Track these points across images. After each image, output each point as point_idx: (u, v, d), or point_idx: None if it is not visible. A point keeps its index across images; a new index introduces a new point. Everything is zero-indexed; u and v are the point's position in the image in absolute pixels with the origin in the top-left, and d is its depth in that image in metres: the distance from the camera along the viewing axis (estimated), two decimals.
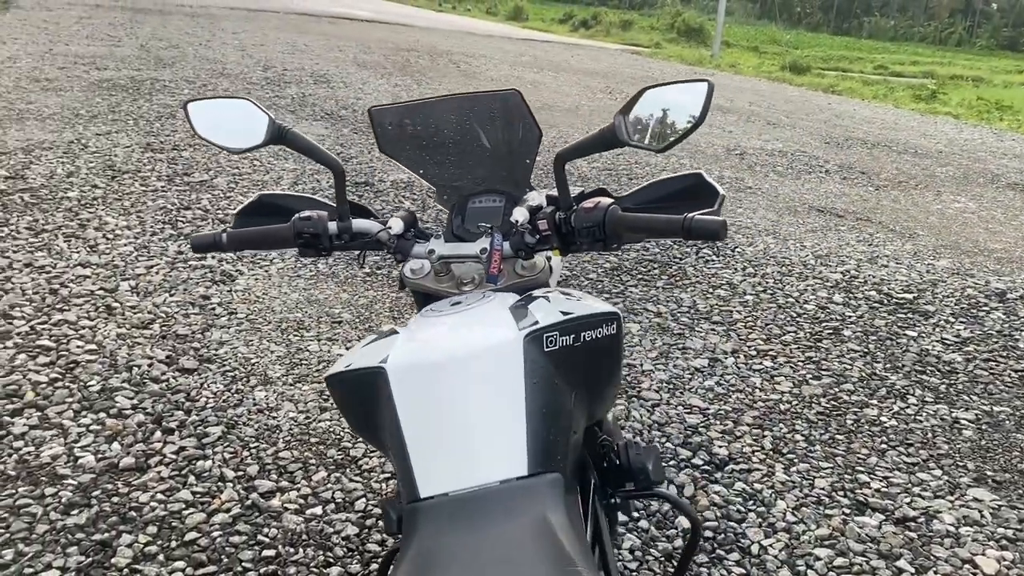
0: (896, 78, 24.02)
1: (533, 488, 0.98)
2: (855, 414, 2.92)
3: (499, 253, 1.26)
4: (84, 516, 2.08)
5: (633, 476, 1.29)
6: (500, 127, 1.34)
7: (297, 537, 2.08)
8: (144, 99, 7.28)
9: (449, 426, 1.02)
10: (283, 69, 9.90)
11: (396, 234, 1.33)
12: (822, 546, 2.20)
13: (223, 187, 4.98)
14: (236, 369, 2.87)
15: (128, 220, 4.23)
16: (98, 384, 2.68)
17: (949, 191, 6.92)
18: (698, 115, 1.07)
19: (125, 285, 3.45)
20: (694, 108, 1.08)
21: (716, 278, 4.21)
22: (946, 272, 4.58)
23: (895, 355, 3.43)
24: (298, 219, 1.30)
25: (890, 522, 2.32)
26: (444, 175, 1.41)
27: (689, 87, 1.10)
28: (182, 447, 2.40)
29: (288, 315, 3.35)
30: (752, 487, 2.44)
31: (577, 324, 1.11)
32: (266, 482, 2.28)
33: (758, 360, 3.30)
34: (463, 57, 13.61)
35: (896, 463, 2.63)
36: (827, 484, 2.48)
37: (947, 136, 10.45)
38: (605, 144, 1.14)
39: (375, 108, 1.35)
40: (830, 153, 8.19)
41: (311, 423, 2.58)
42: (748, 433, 2.74)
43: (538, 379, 1.05)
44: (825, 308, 3.92)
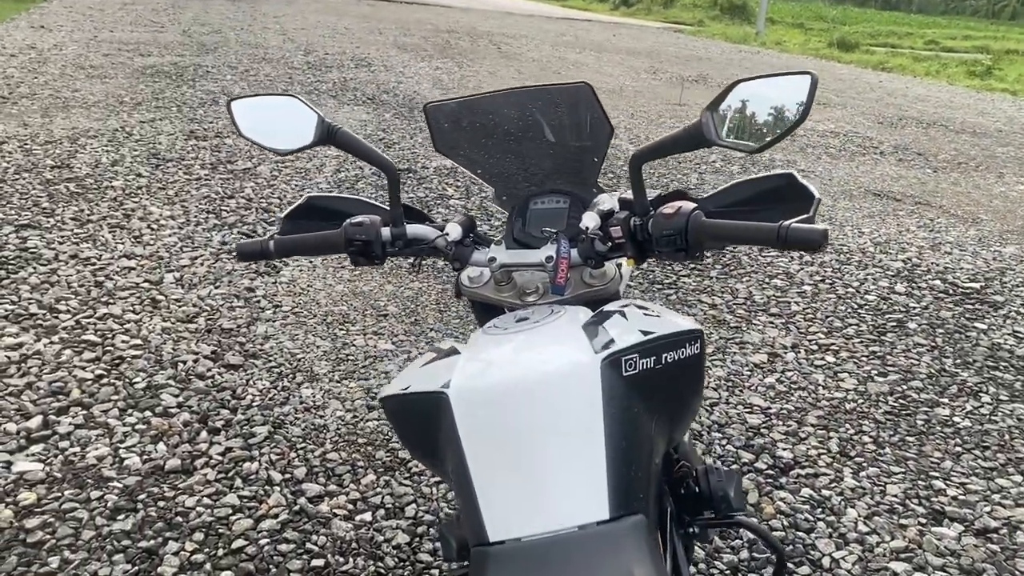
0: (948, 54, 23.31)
1: (615, 534, 0.88)
2: (925, 414, 2.77)
3: (566, 261, 1.16)
4: (130, 521, 2.02)
5: (714, 503, 1.18)
6: (567, 122, 1.24)
7: (347, 545, 2.01)
8: (187, 85, 7.27)
9: (520, 462, 0.93)
10: (324, 53, 9.85)
11: (454, 240, 1.23)
12: (898, 559, 2.07)
13: (266, 175, 4.92)
14: (282, 365, 2.81)
15: (172, 210, 4.19)
16: (143, 381, 2.63)
17: (1012, 172, 6.64)
18: (800, 112, 0.95)
19: (170, 277, 3.41)
20: (795, 103, 0.96)
21: (772, 267, 4.06)
22: (1014, 260, 4.37)
23: (965, 349, 3.27)
24: (349, 225, 1.21)
25: (970, 533, 2.19)
26: (503, 175, 1.31)
27: (789, 80, 0.97)
28: (228, 448, 2.34)
29: (333, 308, 3.28)
30: (820, 493, 2.32)
31: (658, 345, 1.00)
32: (314, 486, 2.21)
33: (820, 355, 3.16)
34: (503, 38, 13.45)
35: (972, 468, 2.48)
36: (899, 491, 2.35)
37: (1005, 114, 10.07)
38: (690, 143, 1.03)
39: (431, 104, 1.25)
40: (884, 133, 7.92)
41: (359, 422, 2.51)
42: (813, 435, 2.61)
43: (617, 408, 0.94)
44: (887, 299, 3.75)
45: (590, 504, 0.89)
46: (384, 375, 2.79)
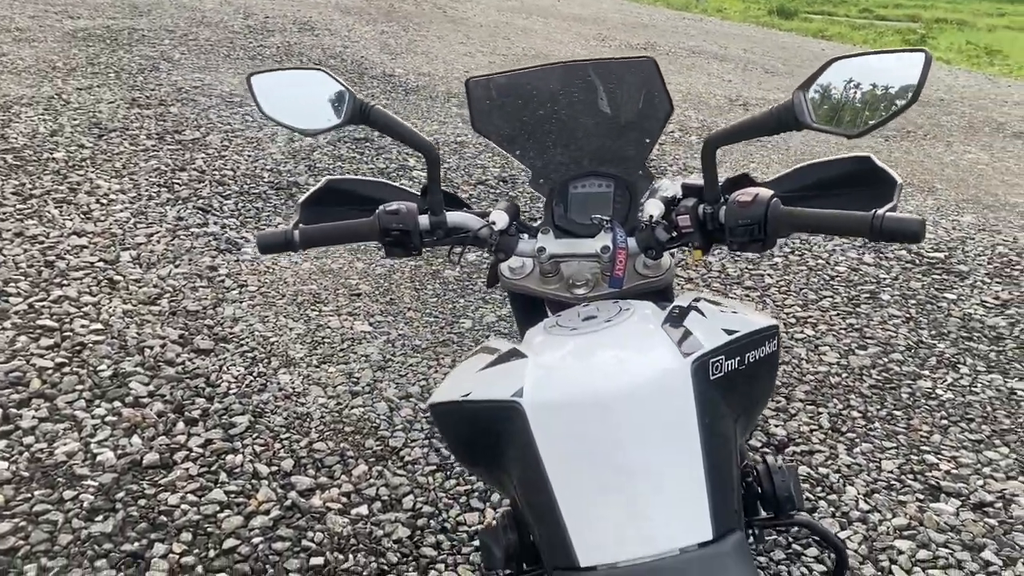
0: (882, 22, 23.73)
1: (719, 557, 0.81)
2: (909, 387, 2.78)
3: (624, 252, 1.08)
4: (110, 523, 1.90)
5: (777, 503, 1.12)
6: (621, 98, 1.14)
7: (345, 541, 1.92)
8: (123, 50, 6.91)
9: (611, 480, 0.85)
10: (264, 17, 9.48)
11: (500, 229, 1.13)
12: (902, 537, 2.07)
13: (217, 145, 4.70)
14: (255, 349, 2.68)
15: (121, 183, 3.97)
16: (109, 369, 2.48)
17: (959, 141, 6.76)
18: (912, 93, 0.88)
19: (126, 256, 3.22)
20: (903, 83, 0.89)
21: None
22: (972, 228, 4.44)
23: (938, 320, 3.30)
24: (384, 212, 1.10)
25: (967, 508, 2.19)
26: (543, 156, 1.21)
27: (898, 58, 0.90)
28: (208, 440, 2.22)
29: (302, 287, 3.15)
30: (817, 471, 2.30)
31: (742, 344, 0.93)
32: (304, 478, 2.11)
33: (799, 328, 3.15)
34: (448, 2, 13.17)
35: (960, 440, 2.50)
36: (894, 466, 2.35)
37: (944, 83, 10.26)
38: (777, 126, 0.95)
39: (472, 79, 1.15)
40: None
41: (343, 410, 2.40)
42: (803, 410, 2.60)
43: (710, 417, 0.87)
44: (857, 270, 3.76)
45: (691, 524, 0.82)
46: (364, 359, 2.68)
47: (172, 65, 6.53)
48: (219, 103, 5.57)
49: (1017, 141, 7.02)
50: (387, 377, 2.58)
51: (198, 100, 5.59)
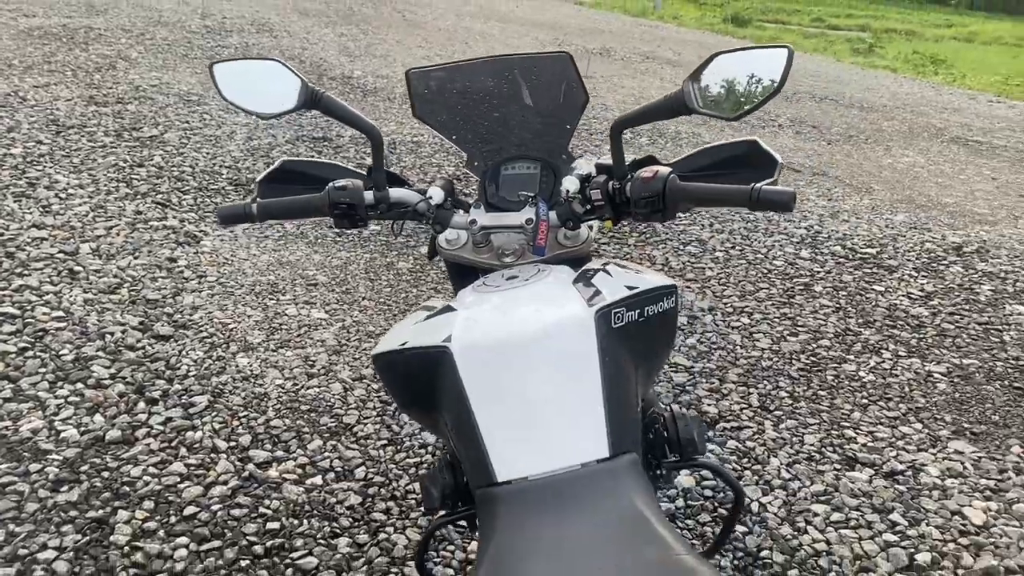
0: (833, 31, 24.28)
1: (615, 470, 0.96)
2: (835, 370, 2.97)
3: (546, 223, 1.22)
4: (75, 493, 2.00)
5: (680, 447, 1.27)
6: (543, 89, 1.29)
7: (300, 508, 2.04)
8: (80, 48, 6.93)
9: (524, 408, 0.99)
10: (222, 17, 9.52)
11: (436, 204, 1.27)
12: (818, 502, 2.25)
13: (175, 142, 4.78)
14: (214, 335, 2.78)
15: (80, 178, 4.03)
16: (71, 353, 2.57)
17: (898, 145, 7.04)
18: (776, 82, 1.04)
19: (86, 248, 3.30)
20: (771, 75, 1.05)
21: (685, 235, 4.23)
22: (904, 226, 4.67)
23: (866, 310, 3.50)
24: (333, 188, 1.24)
25: (880, 476, 2.38)
26: (478, 141, 1.36)
27: (766, 53, 1.06)
28: (169, 418, 2.32)
29: (260, 278, 3.25)
30: (745, 445, 2.48)
31: (642, 299, 1.08)
32: (261, 452, 2.22)
33: (735, 317, 3.34)
34: (407, 6, 13.29)
35: (878, 417, 2.69)
36: (816, 440, 2.53)
37: (889, 90, 10.62)
38: (671, 111, 1.10)
39: (413, 71, 1.29)
40: (781, 107, 8.25)
41: (299, 390, 2.52)
42: (735, 391, 2.77)
43: (610, 357, 1.02)
44: (794, 264, 3.97)
45: (590, 444, 0.97)
46: (320, 343, 2.80)
47: (129, 64, 6.57)
48: (177, 101, 5.64)
49: (953, 146, 7.33)
50: (342, 360, 2.71)
51: (156, 98, 5.65)
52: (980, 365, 3.10)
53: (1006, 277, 3.99)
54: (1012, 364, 3.12)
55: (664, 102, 1.11)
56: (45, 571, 1.77)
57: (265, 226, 3.75)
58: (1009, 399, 2.87)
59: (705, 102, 1.08)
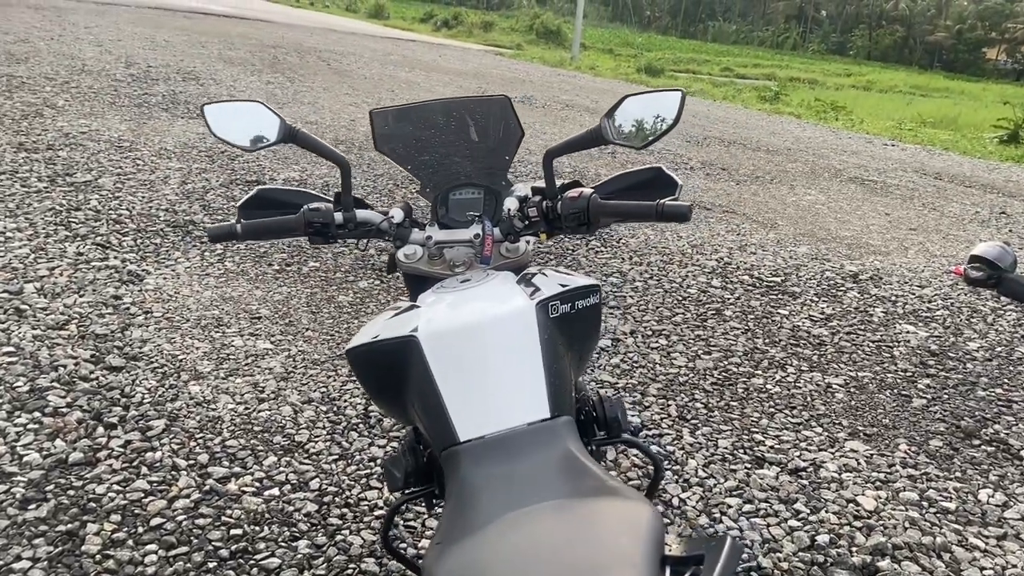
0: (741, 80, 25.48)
1: (555, 428, 1.18)
2: (744, 383, 3.26)
3: (491, 237, 1.45)
4: (44, 509, 2.11)
5: (607, 425, 1.50)
6: (486, 127, 1.53)
7: (260, 516, 2.19)
8: (3, 96, 6.93)
9: (480, 381, 1.21)
10: (147, 66, 9.59)
11: (396, 223, 1.49)
12: (731, 496, 2.50)
13: (110, 187, 4.87)
14: (165, 365, 2.91)
15: (17, 222, 4.10)
16: (26, 385, 2.67)
17: (801, 185, 7.56)
18: (673, 118, 1.30)
19: (30, 287, 3.39)
20: (670, 112, 1.31)
21: (607, 267, 4.52)
22: (806, 257, 5.07)
23: (772, 331, 3.83)
24: (308, 210, 1.44)
25: (785, 473, 2.65)
26: (430, 170, 1.58)
27: (665, 95, 1.32)
28: (128, 440, 2.45)
29: (205, 312, 3.39)
30: (666, 449, 2.72)
31: (573, 294, 1.32)
32: (219, 468, 2.37)
33: (654, 339, 3.61)
34: (331, 55, 13.54)
35: (784, 423, 2.98)
36: (729, 444, 2.80)
37: (792, 134, 11.30)
38: (591, 142, 1.35)
39: (375, 111, 1.51)
40: (692, 151, 8.74)
41: (252, 413, 2.67)
42: (655, 403, 3.03)
43: (548, 339, 1.25)
44: (706, 292, 4.29)
45: (536, 407, 1.19)
46: (268, 371, 2.95)
47: (56, 111, 6.61)
48: (108, 147, 5.72)
49: (851, 185, 7.89)
50: (290, 386, 2.87)
51: (87, 145, 5.73)
52: (873, 377, 3.44)
53: (896, 300, 4.39)
54: (901, 375, 3.47)
55: (586, 135, 1.36)
56: None
57: (206, 264, 3.89)
58: (898, 405, 3.20)
59: (617, 135, 1.34)
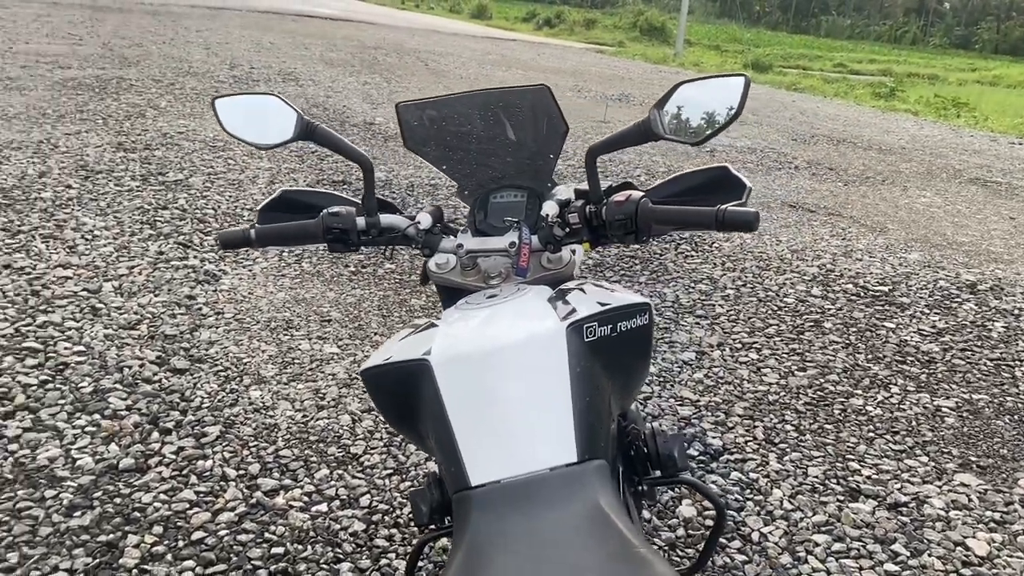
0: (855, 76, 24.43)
1: (582, 475, 1.00)
2: (841, 404, 2.98)
3: (528, 247, 1.28)
4: (88, 517, 2.06)
5: (661, 463, 1.31)
6: (526, 121, 1.36)
7: (305, 534, 2.08)
8: (111, 98, 7.17)
9: (497, 415, 1.04)
10: (250, 67, 9.81)
11: (424, 229, 1.34)
12: (820, 532, 2.25)
13: (199, 186, 4.92)
14: (228, 369, 2.85)
15: (106, 221, 4.17)
16: (90, 385, 2.65)
17: (915, 186, 7.06)
18: (735, 109, 1.10)
19: (108, 286, 3.41)
20: (730, 102, 1.11)
21: (696, 272, 4.27)
22: (918, 265, 4.68)
23: (876, 346, 3.51)
24: (327, 214, 1.30)
25: (883, 507, 2.38)
26: (466, 171, 1.42)
27: (725, 81, 1.12)
28: (181, 447, 2.38)
29: (276, 314, 3.33)
30: (748, 476, 2.49)
31: (614, 315, 1.13)
32: (269, 480, 2.27)
33: (744, 353, 3.36)
34: (430, 55, 13.59)
35: (884, 451, 2.69)
36: (820, 472, 2.54)
37: (909, 133, 10.65)
38: (640, 138, 1.17)
39: (402, 104, 1.36)
40: (798, 150, 8.32)
41: (309, 421, 2.58)
42: (740, 424, 2.79)
43: (580, 368, 1.07)
44: (804, 301, 3.99)
45: (560, 449, 1.01)
46: (332, 377, 2.86)
47: (158, 112, 6.79)
48: (203, 147, 5.81)
49: (971, 186, 7.33)
50: (352, 393, 2.76)
51: (182, 145, 5.83)
52: (990, 400, 3.09)
53: (1020, 314, 3.98)
54: (1023, 399, 3.11)
55: (633, 129, 1.17)
56: None
57: (283, 265, 3.85)
58: (1018, 433, 2.86)
59: (670, 129, 1.14)
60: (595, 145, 1.22)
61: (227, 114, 1.33)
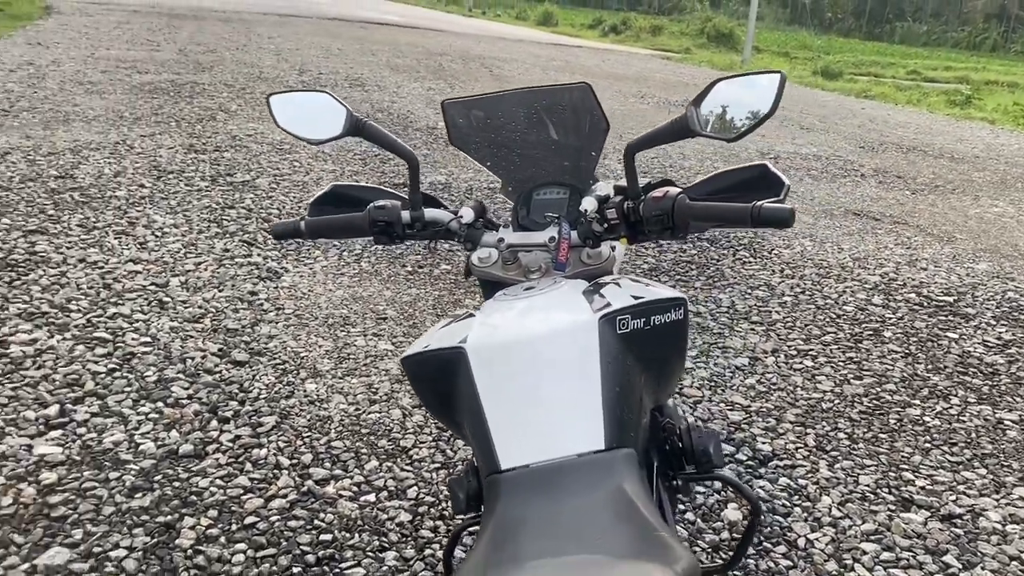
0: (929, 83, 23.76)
1: (610, 461, 1.02)
2: (898, 413, 2.93)
3: (567, 242, 1.31)
4: (148, 499, 2.15)
5: (695, 459, 1.32)
6: (568, 119, 1.39)
7: (352, 523, 2.14)
8: (185, 102, 7.41)
9: (528, 402, 1.07)
10: (318, 73, 10.02)
11: (467, 223, 1.38)
12: (868, 541, 2.22)
13: (265, 187, 5.06)
14: (286, 362, 2.94)
15: (175, 219, 4.32)
16: (155, 375, 2.75)
17: (987, 195, 6.86)
18: (770, 105, 1.11)
19: (175, 281, 3.54)
20: (766, 99, 1.12)
21: (754, 279, 4.23)
22: (986, 275, 4.56)
23: (937, 356, 3.43)
24: (373, 208, 1.35)
25: (936, 519, 2.33)
26: (510, 167, 1.46)
27: (761, 78, 1.13)
28: (237, 436, 2.47)
29: (334, 311, 3.42)
30: (796, 482, 2.46)
31: (647, 308, 1.15)
32: (320, 470, 2.34)
33: (799, 360, 3.32)
34: (495, 61, 13.69)
35: (940, 462, 2.64)
36: (871, 481, 2.50)
37: (983, 141, 10.34)
38: (677, 134, 1.18)
39: (447, 101, 1.40)
40: (865, 157, 8.15)
41: (361, 415, 2.64)
42: (791, 430, 2.76)
43: (612, 359, 1.09)
44: (864, 310, 3.92)
45: (589, 436, 1.03)
46: (385, 372, 2.92)
47: (228, 116, 6.99)
48: (270, 150, 5.97)
49: None
50: (404, 389, 2.82)
51: (250, 147, 6.00)
52: None
53: None
54: None
55: (670, 126, 1.19)
56: (115, 568, 1.91)
57: (342, 264, 3.94)
58: None
59: (706, 125, 1.16)
60: (633, 142, 1.24)
61: (281, 110, 1.39)
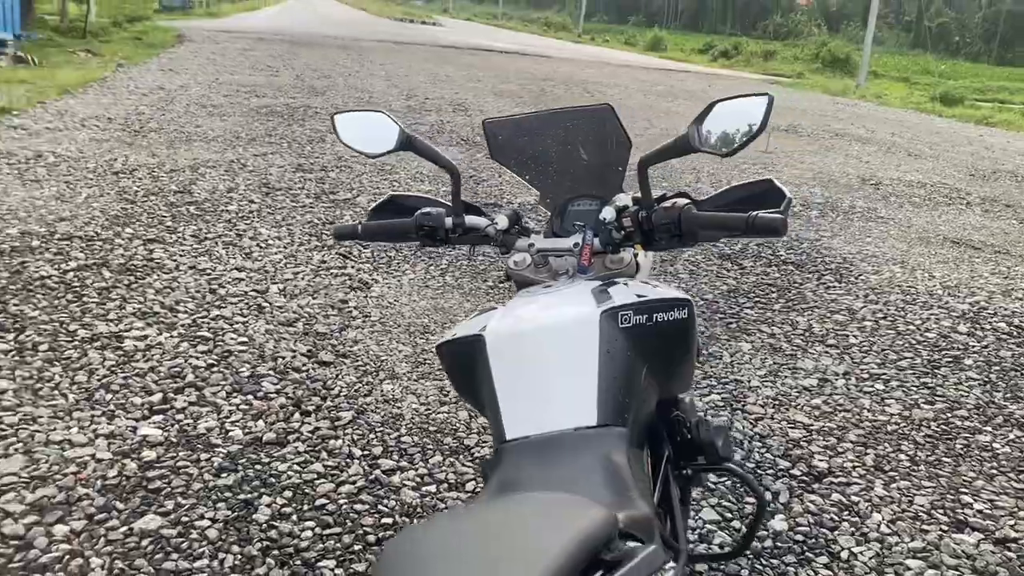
0: None
1: (601, 436, 1.15)
2: (966, 439, 2.90)
3: (589, 247, 1.44)
4: (232, 479, 2.37)
5: (704, 450, 1.43)
6: (594, 137, 1.53)
7: (412, 509, 2.31)
8: (297, 124, 7.87)
9: (533, 383, 1.21)
10: (424, 98, 10.43)
11: (501, 229, 1.53)
12: (914, 558, 2.24)
13: (364, 205, 5.36)
14: (367, 364, 3.15)
15: (279, 232, 4.64)
16: (248, 371, 3.01)
17: None
18: (759, 125, 1.23)
19: (274, 288, 3.82)
20: (756, 118, 1.23)
21: (836, 303, 4.22)
22: None
23: (1019, 385, 3.37)
24: (420, 214, 1.53)
25: (989, 541, 2.33)
26: (547, 181, 1.61)
27: (751, 100, 1.25)
28: (317, 427, 2.68)
29: (416, 320, 3.62)
30: (848, 499, 2.50)
31: (650, 306, 1.27)
32: (388, 462, 2.52)
33: (869, 383, 3.32)
34: (598, 86, 13.87)
35: (1004, 488, 2.61)
36: (927, 502, 2.50)
37: None
38: (681, 150, 1.31)
39: (488, 120, 1.57)
40: (973, 185, 7.91)
41: (431, 414, 2.82)
42: (851, 450, 2.78)
43: (611, 349, 1.22)
44: (947, 337, 3.86)
45: (583, 413, 1.17)
46: None
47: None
48: (372, 170, 6.30)
49: None
50: None
51: (354, 167, 6.34)
52: None
53: None
54: None
55: (675, 143, 1.31)
56: (199, 536, 2.14)
57: (428, 277, 4.15)
58: None
59: (704, 142, 1.28)
60: (646, 156, 1.37)
61: (343, 127, 1.58)
